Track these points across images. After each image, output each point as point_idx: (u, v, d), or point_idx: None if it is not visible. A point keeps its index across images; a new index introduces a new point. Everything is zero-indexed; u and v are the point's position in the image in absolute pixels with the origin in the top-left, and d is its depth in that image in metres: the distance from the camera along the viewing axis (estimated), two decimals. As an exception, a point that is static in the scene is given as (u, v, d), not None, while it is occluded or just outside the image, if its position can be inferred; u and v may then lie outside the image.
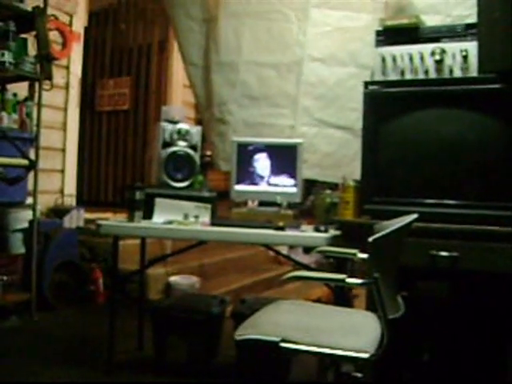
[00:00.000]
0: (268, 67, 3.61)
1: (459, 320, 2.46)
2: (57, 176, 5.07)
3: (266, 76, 3.61)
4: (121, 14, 6.95)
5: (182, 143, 3.19)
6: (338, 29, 3.46)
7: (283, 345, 1.68)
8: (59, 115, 5.07)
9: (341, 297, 2.74)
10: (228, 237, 2.76)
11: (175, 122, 3.23)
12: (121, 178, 6.84)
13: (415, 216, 1.86)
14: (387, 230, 1.63)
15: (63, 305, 4.25)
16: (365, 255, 1.91)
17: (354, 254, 2.16)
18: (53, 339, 3.54)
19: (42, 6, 3.94)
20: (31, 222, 3.99)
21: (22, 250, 4.16)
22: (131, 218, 2.86)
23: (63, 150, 5.13)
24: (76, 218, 4.84)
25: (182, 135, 3.19)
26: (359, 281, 1.68)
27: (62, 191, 5.11)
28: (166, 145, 3.19)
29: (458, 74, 2.55)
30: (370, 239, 1.58)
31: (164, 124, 3.21)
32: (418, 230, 2.20)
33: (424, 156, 2.53)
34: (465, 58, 2.53)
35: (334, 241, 2.61)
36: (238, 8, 3.67)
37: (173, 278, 4.53)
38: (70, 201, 5.14)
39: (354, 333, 1.81)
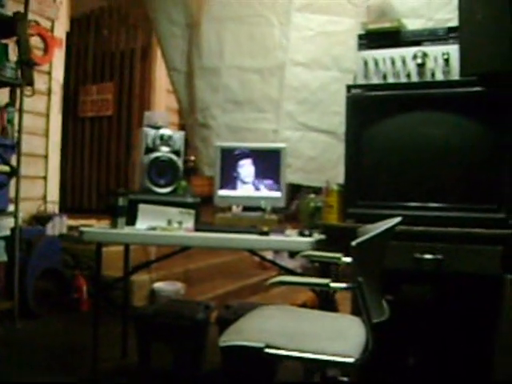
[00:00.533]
0: (251, 72, 3.59)
1: (444, 323, 2.46)
2: (39, 183, 5.01)
3: (249, 80, 3.59)
4: (103, 19, 6.94)
5: (164, 149, 3.17)
6: (321, 33, 3.45)
7: (268, 351, 1.67)
8: (41, 121, 5.01)
9: (326, 301, 2.74)
10: (212, 242, 2.74)
11: (158, 128, 3.21)
12: (104, 185, 6.81)
13: (399, 219, 1.85)
14: (370, 234, 1.62)
15: (47, 313, 4.21)
16: (349, 259, 1.91)
17: (339, 258, 2.16)
18: (36, 348, 3.50)
19: (22, 11, 3.92)
20: (13, 230, 3.95)
21: (5, 258, 4.09)
22: (114, 225, 2.83)
23: (45, 157, 5.07)
24: (59, 225, 4.80)
25: (165, 141, 3.17)
26: (343, 285, 1.67)
27: (44, 198, 5.05)
28: (149, 150, 3.16)
29: (439, 77, 2.56)
30: (353, 243, 1.58)
31: (146, 129, 3.19)
32: (401, 233, 2.20)
33: (407, 159, 2.53)
34: (446, 61, 2.54)
35: (318, 245, 2.60)
36: (220, 12, 3.65)
37: (157, 285, 4.50)
38: (53, 208, 5.08)
39: (339, 337, 1.80)
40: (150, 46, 6.39)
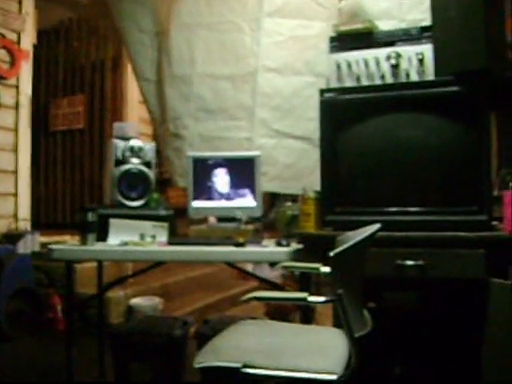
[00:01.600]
0: (222, 79, 3.51)
1: (430, 330, 2.38)
2: (9, 200, 4.87)
3: (221, 88, 3.51)
4: (72, 30, 6.81)
5: (135, 160, 3.07)
6: (292, 38, 3.39)
7: (245, 370, 1.58)
8: (9, 136, 4.87)
9: (306, 311, 2.66)
10: (186, 256, 2.64)
11: (128, 139, 3.10)
12: (79, 199, 6.66)
13: (378, 226, 1.78)
14: (348, 244, 1.54)
15: (21, 334, 4.06)
16: (328, 269, 1.83)
17: (317, 269, 2.07)
18: (10, 372, 3.36)
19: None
20: (-18, 250, 3.83)
21: (-26, 279, 3.97)
22: (84, 241, 2.71)
23: (15, 173, 4.92)
24: (31, 243, 4.66)
25: (136, 152, 3.07)
26: (321, 299, 1.58)
27: (15, 215, 4.90)
28: (119, 163, 3.06)
29: (414, 77, 2.52)
30: (331, 254, 1.49)
31: (116, 141, 3.09)
32: (382, 239, 2.11)
33: (384, 163, 2.45)
34: (421, 61, 2.49)
35: (296, 255, 2.52)
36: (190, 19, 3.57)
37: (134, 300, 4.37)
38: (25, 225, 4.94)
39: (320, 353, 1.71)
40: (120, 56, 6.27)
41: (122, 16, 3.79)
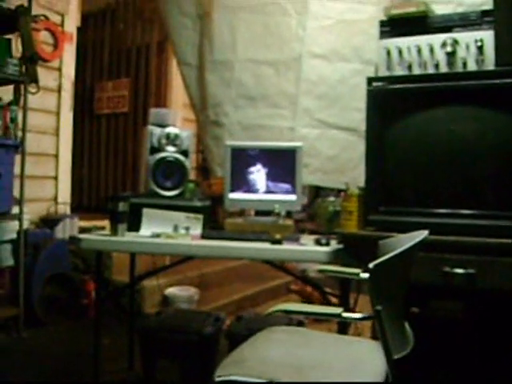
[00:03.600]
0: (265, 65, 3.35)
1: (478, 344, 2.18)
2: (49, 183, 4.83)
3: (263, 74, 3.35)
4: (119, 13, 6.75)
5: (171, 148, 2.94)
6: (341, 22, 3.19)
7: (271, 387, 1.43)
8: (51, 119, 4.82)
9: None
10: (219, 252, 2.51)
11: (164, 126, 2.98)
12: (121, 183, 6.63)
13: (425, 233, 1.59)
14: (391, 254, 1.36)
15: (54, 320, 4.02)
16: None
17: (357, 275, 1.90)
18: (41, 358, 3.33)
19: (26, 4, 3.72)
20: (19, 233, 3.78)
21: (11, 263, 3.93)
22: (114, 232, 2.60)
23: (56, 156, 4.88)
24: (70, 227, 4.62)
25: (171, 140, 2.94)
26: (358, 315, 1.41)
27: (55, 199, 4.87)
28: (155, 150, 2.93)
29: (472, 67, 2.27)
30: (370, 265, 1.32)
31: (151, 128, 2.96)
32: (429, 243, 1.90)
33: (435, 160, 2.25)
34: (480, 48, 2.25)
35: (336, 255, 2.36)
36: (233, 1, 3.42)
37: (170, 290, 4.29)
38: (64, 209, 4.90)
39: (355, 369, 1.55)
40: (165, 41, 6.13)
41: (165, -1, 3.67)
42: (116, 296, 3.79)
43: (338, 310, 1.47)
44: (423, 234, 1.57)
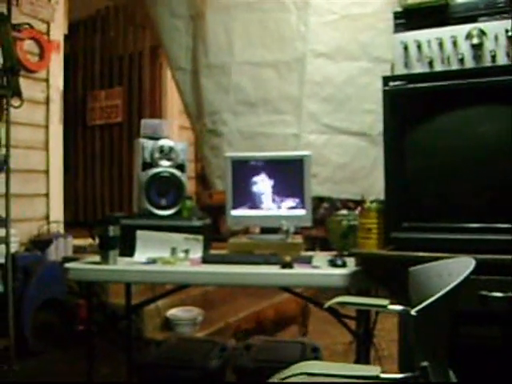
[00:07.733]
0: (265, 67, 3.15)
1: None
2: (40, 201, 4.55)
3: (263, 77, 3.15)
4: (109, 20, 6.52)
5: (165, 163, 2.68)
6: (345, 17, 3.01)
7: None
8: (40, 133, 4.54)
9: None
10: (222, 279, 2.25)
11: (157, 138, 2.72)
12: (118, 196, 6.39)
13: (473, 264, 1.31)
14: (438, 295, 1.08)
15: (48, 349, 3.75)
16: (398, 307, 1.42)
17: (385, 306, 1.63)
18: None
19: (5, 12, 3.48)
20: (6, 257, 3.52)
21: (0, 289, 3.67)
22: (104, 260, 2.33)
23: (46, 172, 4.60)
24: (63, 247, 4.35)
25: (166, 153, 2.68)
26: (397, 376, 1.13)
27: (47, 217, 4.59)
28: (147, 166, 2.68)
29: (502, 60, 2.01)
30: (413, 312, 1.04)
31: (143, 141, 2.71)
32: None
33: (465, 167, 1.98)
34: (511, 39, 1.99)
35: (353, 278, 2.09)
36: (227, 0, 3.17)
37: (172, 312, 4.02)
38: (57, 227, 4.63)
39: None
40: (159, 46, 5.90)
41: (154, 0, 3.45)
42: (113, 322, 3.52)
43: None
44: (470, 263, 1.29)
